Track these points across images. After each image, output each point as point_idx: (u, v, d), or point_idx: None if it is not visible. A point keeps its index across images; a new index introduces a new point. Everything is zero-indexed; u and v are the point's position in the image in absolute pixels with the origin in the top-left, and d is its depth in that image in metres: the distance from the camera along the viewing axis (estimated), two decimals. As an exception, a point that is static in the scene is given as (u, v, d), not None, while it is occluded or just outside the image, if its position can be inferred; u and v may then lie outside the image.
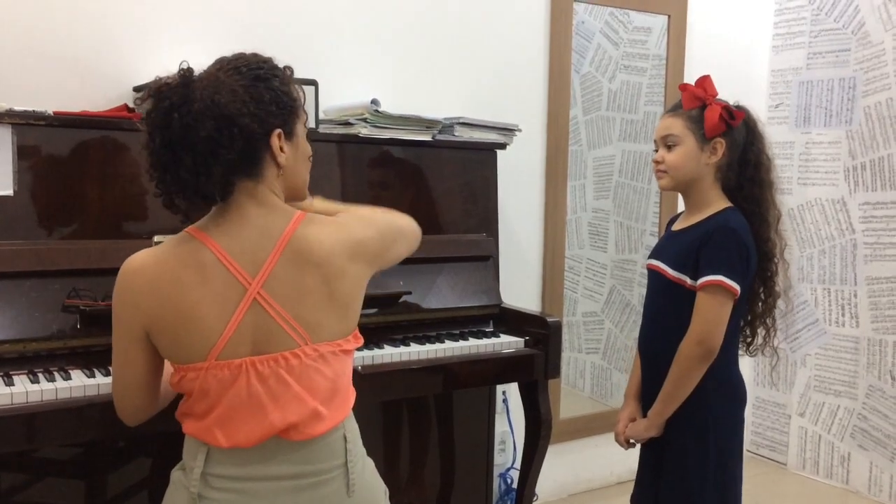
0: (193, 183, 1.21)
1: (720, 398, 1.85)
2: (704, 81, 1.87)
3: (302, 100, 1.34)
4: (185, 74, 1.22)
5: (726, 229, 1.78)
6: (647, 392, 1.96)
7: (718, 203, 1.85)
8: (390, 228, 1.43)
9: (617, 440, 2.00)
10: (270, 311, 1.23)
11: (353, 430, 1.35)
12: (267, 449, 1.25)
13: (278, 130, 1.26)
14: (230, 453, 1.25)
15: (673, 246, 1.90)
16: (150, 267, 1.23)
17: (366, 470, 1.36)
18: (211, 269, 1.22)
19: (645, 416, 1.93)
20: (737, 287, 1.75)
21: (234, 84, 1.22)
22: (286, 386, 1.23)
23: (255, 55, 1.29)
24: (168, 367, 1.35)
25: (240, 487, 1.25)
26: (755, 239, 1.83)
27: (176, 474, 1.33)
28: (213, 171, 1.20)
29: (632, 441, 1.97)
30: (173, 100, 1.19)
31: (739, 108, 1.87)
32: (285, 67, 1.32)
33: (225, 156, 1.20)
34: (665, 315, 1.90)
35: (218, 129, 1.18)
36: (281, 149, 1.27)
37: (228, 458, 1.25)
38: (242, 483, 1.25)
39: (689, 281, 1.81)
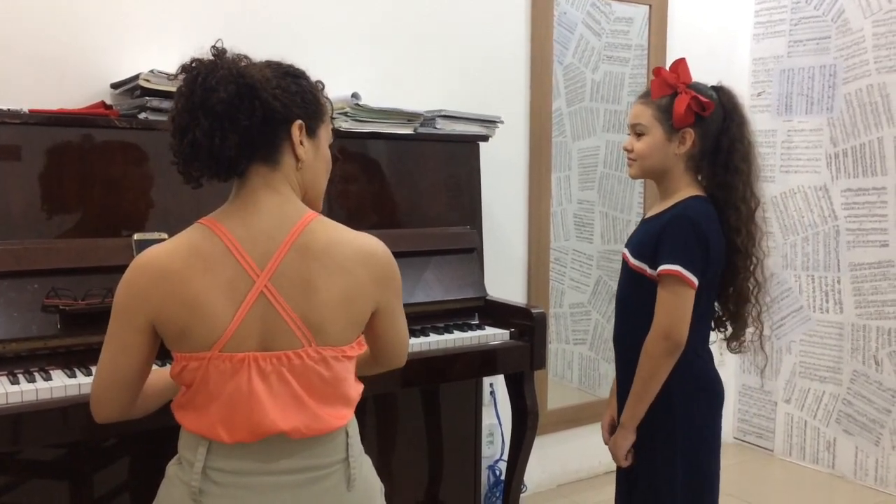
0: (208, 146, 1.19)
1: (681, 388, 1.77)
2: (678, 66, 1.80)
3: (329, 110, 1.34)
4: (218, 51, 1.25)
5: (682, 218, 1.73)
6: (619, 382, 1.91)
7: (686, 192, 1.80)
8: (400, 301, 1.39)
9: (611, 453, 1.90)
10: (277, 307, 1.21)
11: (353, 426, 1.35)
12: (270, 444, 1.24)
13: (300, 122, 1.26)
14: (232, 448, 1.24)
15: (637, 234, 1.87)
16: (160, 258, 1.21)
17: (364, 466, 1.36)
18: (219, 257, 1.20)
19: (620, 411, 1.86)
20: (694, 279, 1.70)
21: (265, 69, 1.24)
22: (287, 385, 1.22)
23: (288, 63, 1.31)
24: (153, 374, 1.33)
25: (242, 482, 1.24)
26: (727, 230, 1.77)
27: (172, 469, 1.30)
28: (229, 135, 1.19)
29: (627, 458, 1.85)
30: (201, 70, 1.21)
31: (719, 89, 1.81)
32: (317, 81, 1.33)
33: (242, 122, 1.19)
34: (629, 304, 1.86)
35: (238, 94, 1.19)
36: (301, 142, 1.26)
37: (231, 452, 1.24)
38: (245, 478, 1.24)
39: (647, 269, 1.77)
